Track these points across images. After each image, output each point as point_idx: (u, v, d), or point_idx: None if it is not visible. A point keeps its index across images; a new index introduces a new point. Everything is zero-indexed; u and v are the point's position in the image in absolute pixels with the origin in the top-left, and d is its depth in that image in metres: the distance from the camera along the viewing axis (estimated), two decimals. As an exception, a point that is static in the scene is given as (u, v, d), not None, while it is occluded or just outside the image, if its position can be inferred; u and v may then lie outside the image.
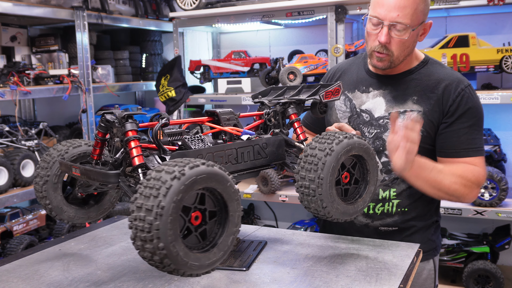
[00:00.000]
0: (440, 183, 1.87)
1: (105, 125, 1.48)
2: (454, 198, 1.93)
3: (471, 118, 1.94)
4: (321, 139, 1.51)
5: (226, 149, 1.52)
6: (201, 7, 4.08)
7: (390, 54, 1.93)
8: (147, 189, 1.16)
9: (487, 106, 3.34)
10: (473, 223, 3.92)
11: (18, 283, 1.59)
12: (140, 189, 1.17)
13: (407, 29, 1.87)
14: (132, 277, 1.60)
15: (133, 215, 1.15)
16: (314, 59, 3.84)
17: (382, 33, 1.88)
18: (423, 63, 2.05)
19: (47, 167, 1.64)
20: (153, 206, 1.13)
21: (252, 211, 4.74)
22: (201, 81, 4.34)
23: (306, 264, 1.67)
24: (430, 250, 2.05)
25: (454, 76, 2.00)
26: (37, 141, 3.55)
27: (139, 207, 1.15)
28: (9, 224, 3.36)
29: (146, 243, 1.15)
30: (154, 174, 1.18)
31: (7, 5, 3.32)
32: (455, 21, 3.92)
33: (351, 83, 2.14)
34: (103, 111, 1.49)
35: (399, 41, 1.89)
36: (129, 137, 1.39)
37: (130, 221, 1.17)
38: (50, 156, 1.65)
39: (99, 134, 1.53)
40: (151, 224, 1.13)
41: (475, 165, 1.93)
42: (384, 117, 2.01)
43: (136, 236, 1.16)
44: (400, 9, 1.84)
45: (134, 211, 1.16)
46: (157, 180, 1.16)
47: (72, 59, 4.07)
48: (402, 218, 2.03)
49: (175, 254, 1.17)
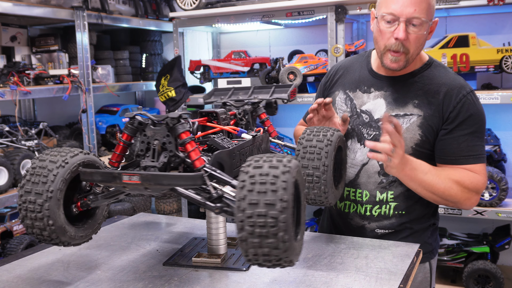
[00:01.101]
0: (434, 186, 1.85)
1: (136, 128, 1.41)
2: (450, 203, 1.91)
3: (472, 125, 1.91)
4: (316, 133, 1.66)
5: (245, 147, 1.61)
6: (201, 7, 4.08)
7: (406, 51, 1.88)
8: (261, 186, 1.16)
9: (487, 106, 3.33)
10: (473, 223, 3.92)
11: (18, 283, 1.59)
12: (252, 185, 1.16)
13: (424, 24, 1.84)
14: (132, 277, 1.60)
15: (256, 210, 1.14)
16: (314, 59, 3.84)
17: (400, 29, 1.83)
18: (427, 65, 2.01)
19: (45, 181, 1.37)
20: (275, 200, 1.14)
21: (252, 211, 4.73)
22: (201, 81, 4.34)
23: (306, 264, 1.67)
24: (426, 253, 2.02)
25: (457, 81, 1.96)
26: (37, 141, 3.55)
27: (255, 203, 1.14)
28: (9, 224, 3.36)
29: (267, 238, 1.15)
30: (265, 170, 1.18)
31: (7, 5, 3.32)
32: (455, 21, 3.92)
33: (353, 82, 2.11)
34: (133, 113, 1.41)
35: (416, 37, 1.85)
36: (185, 139, 1.37)
37: (251, 216, 1.15)
38: (45, 169, 1.39)
39: (126, 138, 1.44)
40: (276, 218, 1.14)
41: (474, 172, 1.90)
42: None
43: (260, 235, 1.15)
44: (416, 4, 1.81)
45: (253, 205, 1.15)
46: (272, 177, 1.17)
47: (72, 59, 4.07)
48: (399, 220, 2.01)
49: (293, 244, 1.19)
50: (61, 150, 1.46)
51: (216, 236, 1.70)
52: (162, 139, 1.38)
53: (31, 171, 1.39)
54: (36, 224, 1.39)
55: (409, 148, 1.93)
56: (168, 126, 1.38)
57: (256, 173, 1.18)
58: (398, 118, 1.95)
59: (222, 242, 1.72)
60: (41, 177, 1.38)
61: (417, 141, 1.93)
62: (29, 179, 1.39)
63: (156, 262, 1.72)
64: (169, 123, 1.37)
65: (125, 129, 1.42)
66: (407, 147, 1.92)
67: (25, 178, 1.39)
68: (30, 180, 1.38)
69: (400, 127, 1.74)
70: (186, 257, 1.74)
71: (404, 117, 1.96)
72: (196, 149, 1.37)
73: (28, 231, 1.42)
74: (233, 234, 1.98)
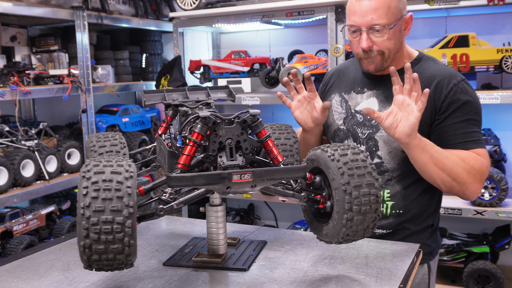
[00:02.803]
0: (443, 161, 1.80)
1: (209, 128, 1.36)
2: (456, 185, 1.84)
3: (466, 113, 1.89)
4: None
5: None
6: (201, 7, 4.08)
7: (380, 53, 1.93)
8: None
9: (487, 106, 3.34)
10: (473, 223, 3.92)
11: (18, 283, 1.59)
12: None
13: (385, 29, 1.88)
14: (132, 277, 1.60)
15: (363, 199, 1.36)
16: (314, 59, 3.84)
17: (363, 39, 1.91)
18: (417, 60, 2.03)
19: (121, 196, 1.18)
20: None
21: (252, 211, 4.74)
22: (201, 81, 4.34)
23: (306, 264, 1.67)
24: (425, 254, 2.01)
25: (447, 71, 1.96)
26: (37, 141, 3.55)
27: (367, 193, 1.37)
28: (9, 224, 3.36)
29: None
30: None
31: (7, 5, 3.32)
32: (455, 21, 3.92)
33: (347, 85, 2.15)
34: (196, 115, 1.37)
35: (383, 41, 1.91)
36: (266, 136, 1.41)
37: (357, 203, 1.36)
38: (113, 182, 1.19)
39: (201, 138, 1.36)
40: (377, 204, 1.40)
41: (478, 154, 1.87)
42: None
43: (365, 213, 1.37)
44: (373, 11, 1.87)
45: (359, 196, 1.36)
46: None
47: (72, 59, 4.07)
48: (397, 220, 2.01)
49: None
50: (110, 160, 1.26)
51: (216, 236, 1.70)
52: (236, 137, 1.37)
53: (95, 187, 1.17)
54: (112, 248, 1.19)
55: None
56: (242, 124, 1.37)
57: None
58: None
59: (222, 242, 1.72)
60: (113, 192, 1.18)
61: None
62: (96, 196, 1.17)
63: (156, 262, 1.73)
64: (248, 121, 1.38)
65: (196, 129, 1.36)
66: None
67: (88, 196, 1.17)
68: (98, 197, 1.17)
69: (417, 80, 1.70)
70: (186, 257, 1.74)
71: None
72: (275, 146, 1.42)
73: (92, 258, 1.21)
74: (233, 234, 1.98)
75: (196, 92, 1.77)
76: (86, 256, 1.21)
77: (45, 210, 3.68)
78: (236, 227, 2.13)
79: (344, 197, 1.35)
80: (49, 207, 3.73)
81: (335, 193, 1.39)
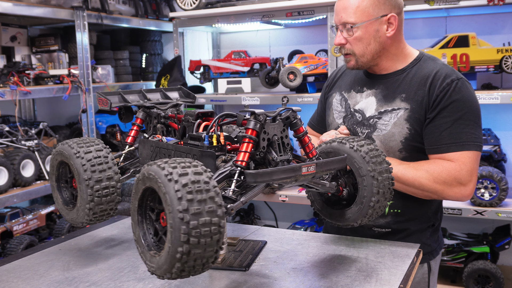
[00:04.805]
0: (402, 177, 1.87)
1: (262, 124, 1.38)
2: (430, 194, 1.89)
3: (455, 112, 1.87)
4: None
5: None
6: (201, 7, 4.09)
7: (352, 53, 2.00)
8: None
9: (487, 106, 3.34)
10: (473, 223, 3.92)
11: (18, 283, 1.59)
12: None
13: (354, 27, 1.95)
14: (132, 277, 1.60)
15: (385, 183, 1.56)
16: (314, 59, 3.84)
17: (336, 36, 2.02)
18: (416, 60, 2.03)
19: (212, 196, 1.14)
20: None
21: (252, 211, 4.74)
22: (201, 81, 4.34)
23: (306, 264, 1.67)
24: (425, 254, 2.00)
25: (443, 70, 1.95)
26: (37, 141, 3.55)
27: (388, 178, 1.57)
28: (9, 224, 3.36)
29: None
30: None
31: (7, 5, 3.32)
32: (455, 21, 3.92)
33: (348, 84, 2.17)
34: (255, 110, 1.39)
35: (353, 39, 1.97)
36: (304, 131, 1.48)
37: (382, 187, 1.55)
38: (200, 183, 1.14)
39: (254, 134, 1.37)
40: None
41: (452, 160, 1.86)
42: (374, 117, 2.00)
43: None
44: (343, 10, 1.97)
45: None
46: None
47: (72, 59, 4.07)
48: (395, 219, 2.01)
49: None
50: (182, 160, 1.20)
51: (217, 236, 1.70)
52: (280, 133, 1.42)
53: (187, 189, 1.11)
54: (209, 250, 1.13)
55: (399, 143, 1.94)
56: (285, 121, 1.43)
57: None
58: (386, 114, 1.97)
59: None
60: (204, 193, 1.12)
61: (406, 134, 1.93)
62: (191, 198, 1.10)
63: (156, 262, 1.72)
64: (291, 118, 1.44)
65: (250, 126, 1.37)
66: (396, 141, 1.94)
67: (184, 200, 1.10)
68: (193, 200, 1.10)
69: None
70: (186, 257, 1.73)
71: (392, 112, 1.96)
72: (311, 141, 1.52)
73: (187, 264, 1.13)
74: (233, 234, 1.98)
75: (152, 94, 1.87)
76: (180, 264, 1.11)
77: (45, 210, 3.69)
78: (236, 227, 2.13)
79: (372, 182, 1.54)
80: (49, 207, 3.73)
81: (362, 180, 1.57)
